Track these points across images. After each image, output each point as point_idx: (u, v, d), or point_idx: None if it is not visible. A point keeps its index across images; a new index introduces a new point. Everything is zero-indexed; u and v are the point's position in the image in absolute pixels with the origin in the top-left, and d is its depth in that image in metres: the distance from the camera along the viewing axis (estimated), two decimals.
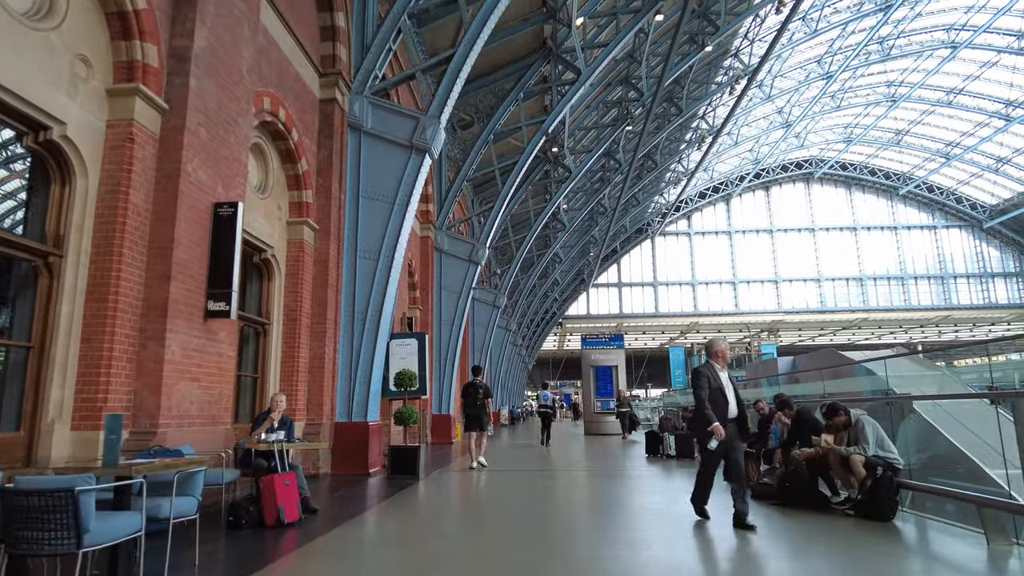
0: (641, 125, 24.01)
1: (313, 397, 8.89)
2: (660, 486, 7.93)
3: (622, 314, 51.32)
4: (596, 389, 19.46)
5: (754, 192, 55.04)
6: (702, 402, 4.89)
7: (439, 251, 16.92)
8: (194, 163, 5.83)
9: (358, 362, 9.22)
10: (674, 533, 4.76)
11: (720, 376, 5.04)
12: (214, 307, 5.91)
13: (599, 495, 7.17)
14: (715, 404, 4.89)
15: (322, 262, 9.28)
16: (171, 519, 3.36)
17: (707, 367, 5.11)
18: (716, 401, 4.92)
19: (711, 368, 5.09)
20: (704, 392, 4.92)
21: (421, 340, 9.74)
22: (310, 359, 8.99)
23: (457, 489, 7.81)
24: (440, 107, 9.98)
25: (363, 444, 8.94)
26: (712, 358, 5.17)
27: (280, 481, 5.00)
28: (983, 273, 51.50)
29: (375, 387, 9.24)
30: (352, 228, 9.65)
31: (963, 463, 6.44)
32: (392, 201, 9.59)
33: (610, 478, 8.72)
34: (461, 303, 16.85)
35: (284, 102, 8.51)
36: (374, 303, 9.36)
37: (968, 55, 38.69)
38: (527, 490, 7.58)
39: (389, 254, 9.47)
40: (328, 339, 9.14)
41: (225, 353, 6.28)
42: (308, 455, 8.55)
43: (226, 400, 6.27)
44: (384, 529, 5.29)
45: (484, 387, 10.02)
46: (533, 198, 26.10)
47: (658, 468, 9.55)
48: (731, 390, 5.05)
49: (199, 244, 5.91)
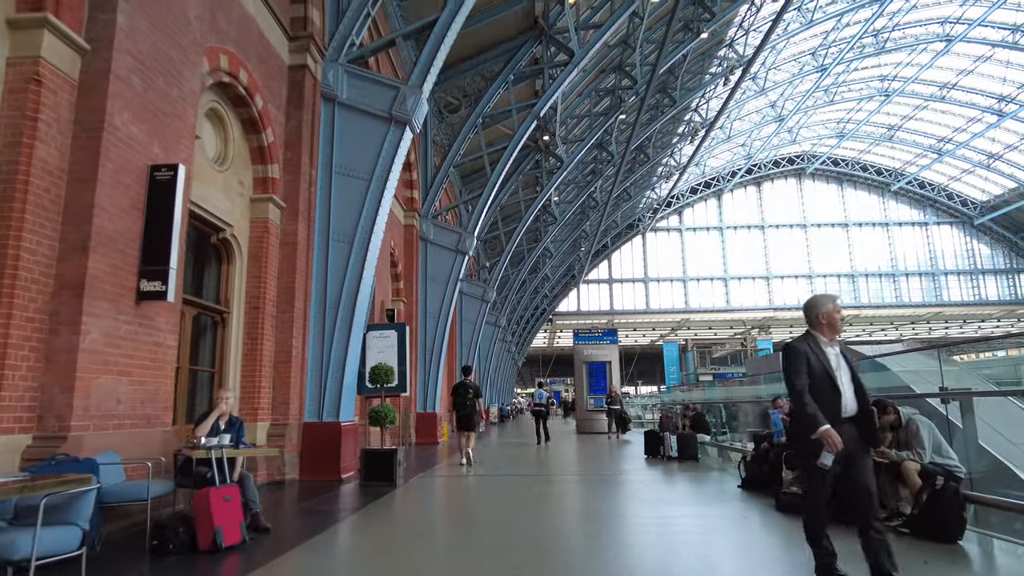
0: (634, 115, 23.29)
1: (279, 395, 7.96)
2: (676, 495, 7.11)
3: (613, 311, 50.63)
4: (589, 386, 18.64)
5: (745, 188, 54.54)
6: (800, 396, 3.15)
7: (424, 240, 15.99)
8: (124, 116, 4.89)
9: (330, 355, 8.31)
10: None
11: (827, 354, 3.27)
12: (148, 287, 4.98)
13: (610, 512, 6.31)
14: (820, 396, 3.16)
15: (290, 244, 8.34)
16: (32, 560, 2.46)
17: (806, 341, 3.33)
18: (822, 391, 3.18)
19: (813, 342, 3.31)
20: (802, 382, 3.18)
21: (401, 332, 8.84)
22: (276, 352, 8.06)
23: (438, 498, 6.93)
24: (422, 75, 9.10)
25: (335, 446, 8.04)
26: (816, 327, 3.35)
27: (218, 496, 4.10)
28: (973, 270, 51.41)
29: (349, 383, 8.34)
30: (324, 207, 8.74)
31: None
32: (369, 178, 8.69)
33: (615, 485, 7.88)
34: (448, 295, 15.94)
35: (246, 64, 7.57)
36: (348, 290, 8.45)
37: (962, 49, 38.34)
38: (518, 499, 6.72)
39: (365, 236, 8.57)
40: (296, 330, 8.21)
41: (164, 342, 5.36)
42: (272, 460, 7.64)
43: (165, 397, 5.35)
44: (344, 554, 4.41)
45: (474, 387, 9.95)
46: (524, 190, 25.27)
47: (662, 472, 8.73)
48: (846, 374, 3.26)
49: (129, 213, 4.98)
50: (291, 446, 7.90)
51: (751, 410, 9.47)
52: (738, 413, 9.96)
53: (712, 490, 7.00)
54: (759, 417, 9.22)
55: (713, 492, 6.85)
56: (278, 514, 5.80)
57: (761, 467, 6.56)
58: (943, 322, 53.30)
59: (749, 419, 9.37)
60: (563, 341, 57.24)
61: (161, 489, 4.41)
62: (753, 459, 6.73)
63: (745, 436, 9.44)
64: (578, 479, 8.46)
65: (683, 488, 7.38)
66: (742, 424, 9.46)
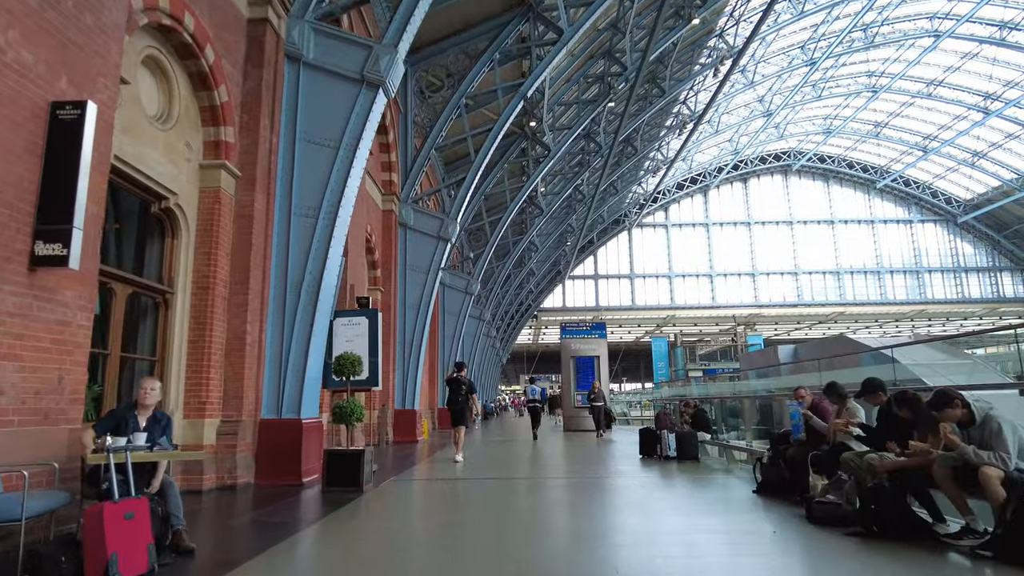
0: (623, 105, 22.57)
1: (231, 388, 6.99)
2: (685, 502, 6.28)
3: (599, 307, 49.98)
4: (576, 382, 17.80)
5: (732, 184, 54.21)
6: None
7: (404, 227, 15.01)
8: (9, 35, 3.91)
9: (291, 344, 7.36)
10: None
11: None
12: (45, 251, 4.01)
13: (612, 525, 5.45)
14: None
15: (246, 217, 7.36)
16: None
17: None
18: None
19: None
20: None
21: (373, 319, 7.90)
22: (228, 339, 7.08)
23: (408, 508, 6.02)
24: (398, 33, 8.14)
25: (295, 447, 7.09)
26: None
27: (114, 513, 3.16)
28: (957, 268, 51.61)
29: (312, 375, 7.39)
30: (287, 178, 7.78)
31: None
32: (337, 145, 7.73)
33: (613, 491, 7.04)
34: (428, 285, 14.98)
35: (192, 8, 6.58)
36: (312, 271, 7.50)
37: (950, 45, 38.19)
38: (501, 509, 5.84)
39: (332, 210, 7.62)
40: (252, 314, 7.24)
41: (73, 321, 4.38)
42: (222, 460, 6.67)
43: (73, 388, 4.38)
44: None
45: (468, 383, 9.99)
46: (510, 179, 24.39)
47: (662, 474, 7.90)
48: None
49: (22, 158, 4.00)
50: (245, 446, 6.94)
51: (760, 406, 8.67)
52: (742, 409, 9.17)
53: (724, 496, 6.19)
54: (766, 412, 8.44)
55: (726, 498, 6.04)
56: (216, 528, 4.86)
57: (779, 469, 5.75)
58: (926, 320, 53.49)
59: (757, 415, 8.58)
60: (548, 338, 56.51)
61: (45, 504, 3.44)
62: (770, 460, 5.92)
63: (750, 434, 8.65)
64: (570, 483, 7.61)
65: (690, 493, 6.56)
66: (747, 420, 8.67)
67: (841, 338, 14.34)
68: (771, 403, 7.56)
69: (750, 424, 8.57)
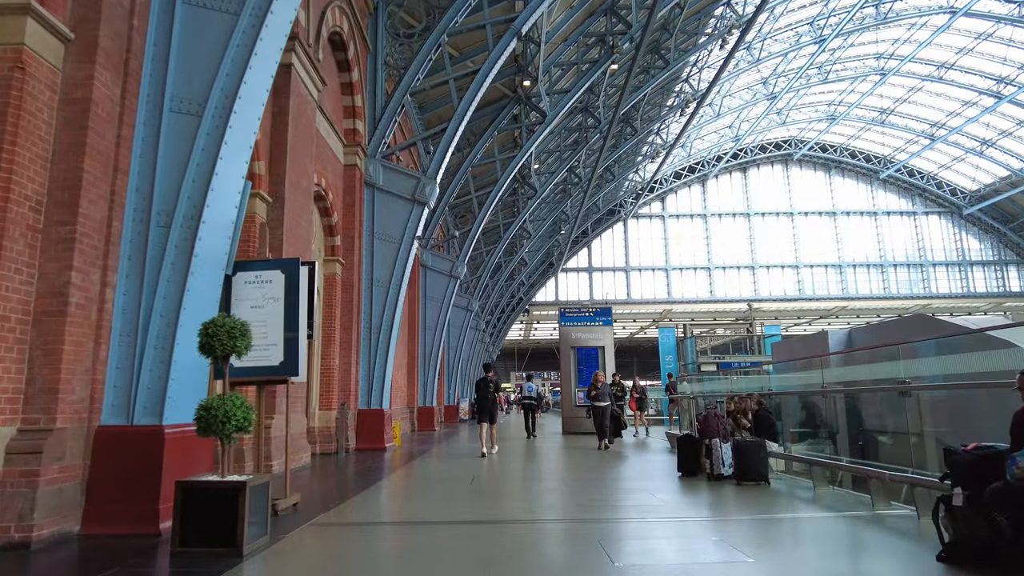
0: (624, 76, 20.12)
1: (40, 375, 4.23)
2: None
3: (593, 300, 47.44)
4: (577, 377, 15.13)
5: (731, 174, 51.92)
6: None
7: (371, 186, 12.18)
8: None
9: (152, 306, 4.63)
10: None
11: None
12: None
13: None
14: None
15: (77, 104, 4.57)
16: None
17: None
18: None
19: None
20: None
21: (291, 273, 5.15)
22: (38, 294, 4.34)
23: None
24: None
25: (152, 470, 4.37)
26: None
27: None
28: (962, 261, 49.77)
29: (186, 357, 4.66)
30: (158, 59, 5.04)
31: None
32: (238, 12, 5.01)
33: (654, 540, 4.38)
34: (401, 257, 12.20)
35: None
36: (191, 194, 4.76)
37: (964, 24, 36.06)
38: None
39: (226, 103, 4.89)
40: (86, 258, 4.48)
41: None
42: (10, 499, 3.94)
43: None
44: None
45: (495, 382, 10.76)
46: (500, 150, 21.71)
47: (735, 508, 5.25)
48: None
49: None
50: (62, 470, 4.20)
51: (873, 404, 5.98)
52: (823, 410, 6.48)
53: (876, 565, 3.56)
54: (882, 411, 5.81)
55: (884, 570, 3.40)
56: None
57: (992, 522, 3.14)
58: (931, 315, 51.55)
59: (873, 419, 5.94)
60: (540, 334, 53.97)
61: None
62: (969, 504, 3.30)
63: (842, 445, 6.02)
64: (586, 528, 4.93)
65: (810, 559, 3.91)
66: (838, 426, 5.98)
67: (922, 317, 11.68)
68: (905, 399, 4.91)
69: (843, 432, 5.93)
